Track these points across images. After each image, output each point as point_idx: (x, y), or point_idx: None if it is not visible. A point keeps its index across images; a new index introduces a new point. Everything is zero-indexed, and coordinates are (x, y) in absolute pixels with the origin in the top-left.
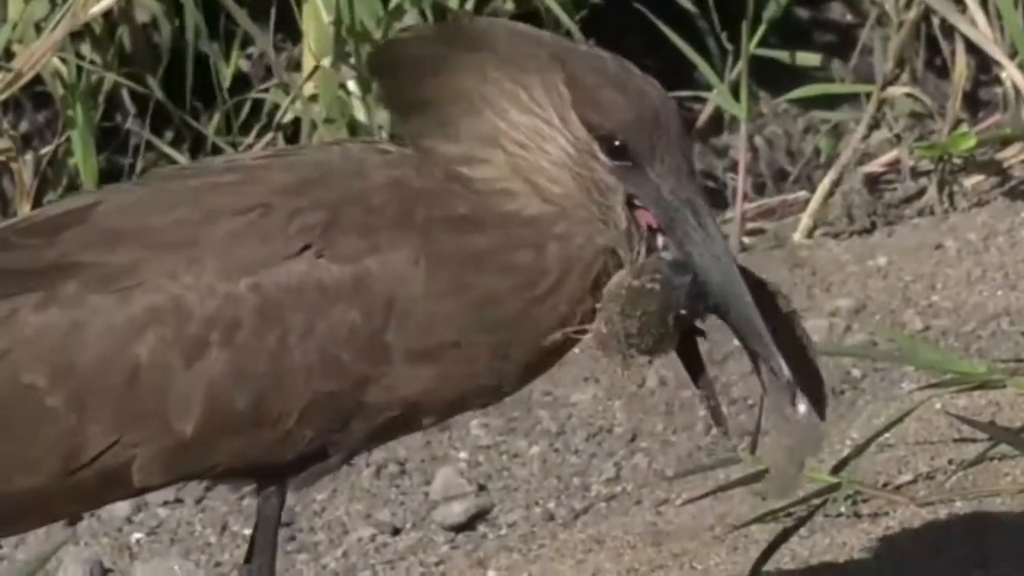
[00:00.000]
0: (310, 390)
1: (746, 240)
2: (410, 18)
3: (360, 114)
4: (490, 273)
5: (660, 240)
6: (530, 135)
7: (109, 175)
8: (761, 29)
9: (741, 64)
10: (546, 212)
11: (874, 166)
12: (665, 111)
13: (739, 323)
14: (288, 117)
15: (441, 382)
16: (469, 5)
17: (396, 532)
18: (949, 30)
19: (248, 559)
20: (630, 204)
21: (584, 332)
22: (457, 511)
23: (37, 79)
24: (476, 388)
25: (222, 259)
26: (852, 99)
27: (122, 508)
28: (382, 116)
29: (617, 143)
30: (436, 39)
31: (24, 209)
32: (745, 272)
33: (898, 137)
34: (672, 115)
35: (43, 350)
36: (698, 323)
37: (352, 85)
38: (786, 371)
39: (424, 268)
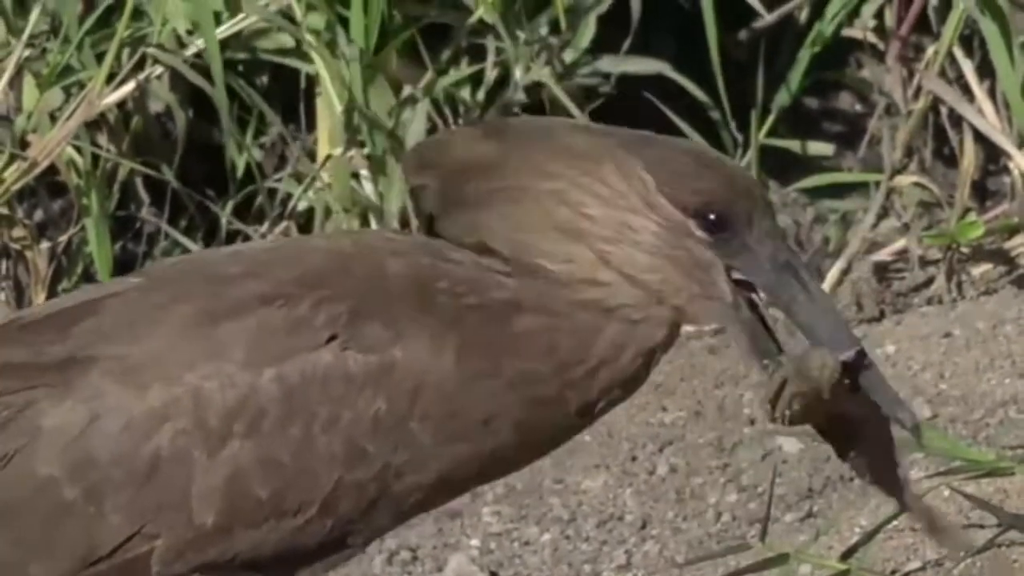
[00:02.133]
0: (333, 479)
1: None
2: (422, 107)
3: (374, 201)
4: (528, 356)
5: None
6: (617, 228)
7: (123, 263)
8: (770, 118)
9: (751, 153)
10: (640, 301)
11: (883, 255)
12: (751, 180)
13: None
14: (301, 206)
15: (466, 462)
16: (480, 95)
17: None
18: (957, 120)
19: None
20: (731, 280)
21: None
22: None
23: (52, 168)
24: (501, 464)
25: (246, 350)
26: (861, 188)
27: None
28: (394, 204)
29: (713, 216)
30: (485, 136)
31: (39, 298)
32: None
33: (906, 226)
34: (756, 183)
35: (61, 443)
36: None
37: (365, 173)
38: (912, 416)
39: (451, 354)
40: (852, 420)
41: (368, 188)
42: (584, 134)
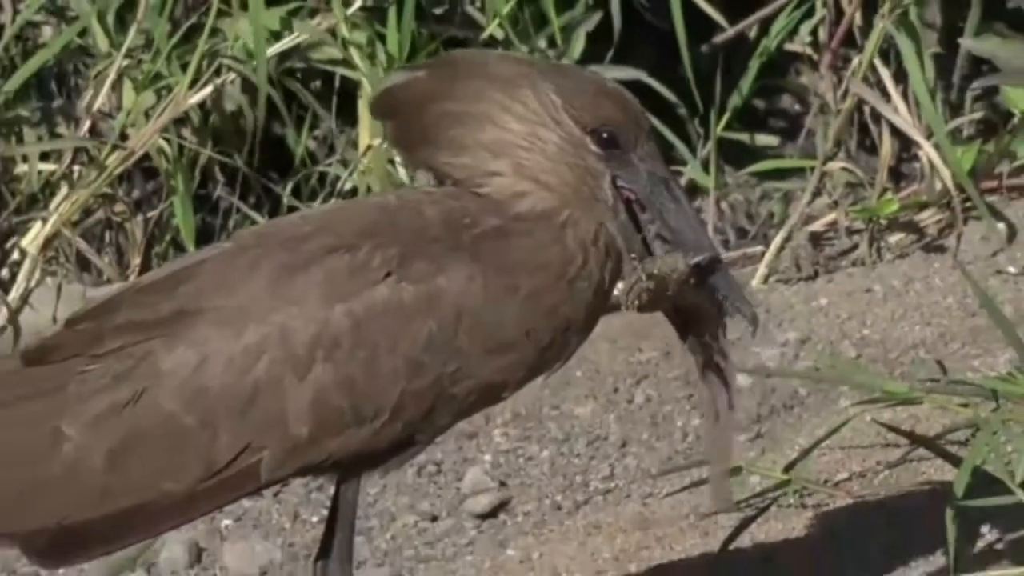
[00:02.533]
0: (398, 390)
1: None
2: None
3: (406, 181)
4: (530, 273)
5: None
6: (530, 139)
7: (204, 233)
8: (726, 116)
9: (711, 144)
10: (553, 204)
11: (817, 226)
12: (638, 109)
13: (711, 276)
14: (348, 186)
15: (509, 368)
16: None
17: (434, 519)
18: (877, 117)
19: (323, 548)
20: (616, 186)
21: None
22: (483, 502)
23: (146, 156)
24: (541, 363)
25: (320, 292)
26: (799, 172)
27: None
28: (421, 181)
29: (605, 135)
30: (431, 75)
31: (136, 260)
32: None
33: (836, 203)
34: (643, 113)
35: (177, 382)
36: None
37: (398, 159)
38: (752, 312)
39: (480, 279)
40: (693, 311)
41: (401, 171)
42: (510, 62)
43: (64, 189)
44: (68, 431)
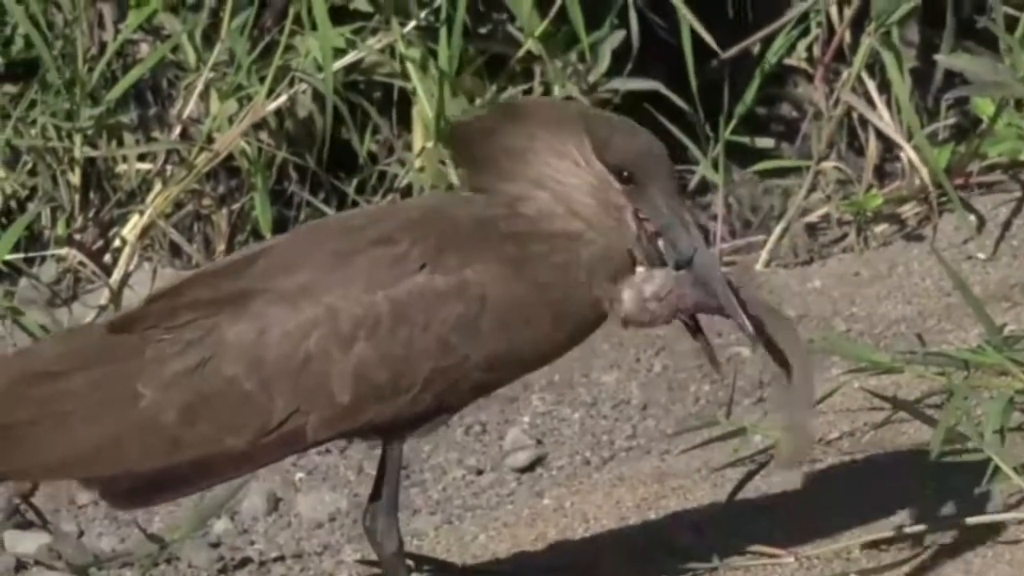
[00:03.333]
0: (430, 366)
1: (724, 269)
2: None
3: (454, 179)
4: (544, 270)
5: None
6: (565, 175)
7: (279, 223)
8: (733, 122)
9: (719, 146)
10: (580, 227)
11: (812, 218)
12: (658, 150)
13: (716, 294)
14: (404, 183)
15: (522, 349)
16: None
17: (479, 473)
18: (864, 122)
19: (374, 493)
20: (638, 217)
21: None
22: (522, 458)
23: (230, 156)
24: (545, 351)
25: (365, 278)
26: (796, 171)
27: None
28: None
29: (625, 173)
30: (495, 116)
31: (220, 247)
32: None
33: (828, 197)
34: (663, 154)
35: (239, 351)
36: None
37: (448, 160)
38: (749, 327)
39: (502, 272)
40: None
41: (451, 170)
42: (556, 109)
43: (158, 185)
44: (144, 391)
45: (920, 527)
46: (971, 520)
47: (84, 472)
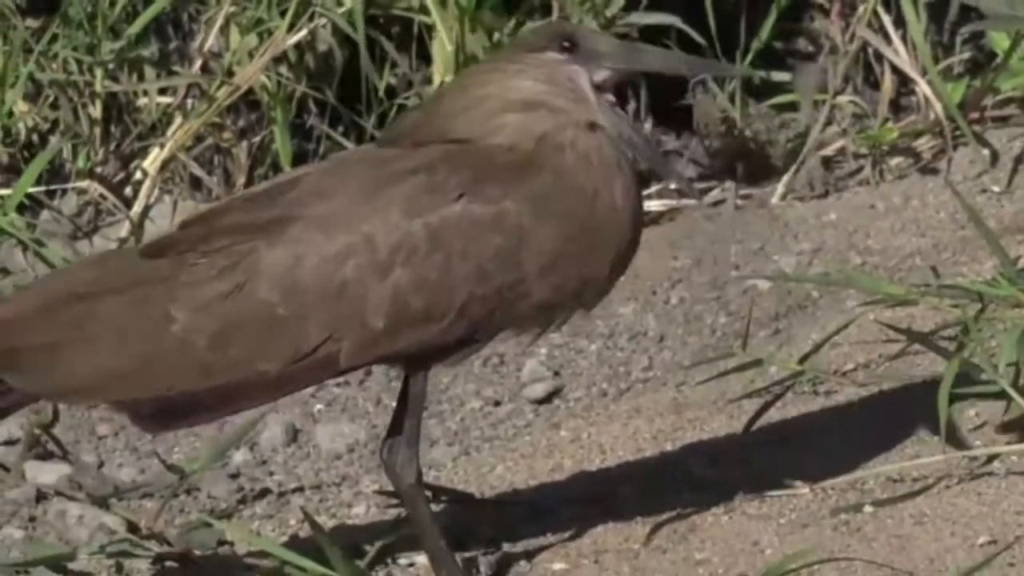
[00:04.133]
0: (466, 293)
1: (739, 203)
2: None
3: None
4: (567, 195)
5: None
6: (512, 85)
7: (298, 157)
8: (750, 56)
9: (736, 81)
10: (553, 123)
11: (828, 151)
12: (578, 26)
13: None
14: None
15: (560, 284)
16: None
17: (497, 404)
18: (880, 57)
19: (393, 425)
20: (593, 84)
21: None
22: (539, 390)
23: (250, 90)
24: (588, 285)
25: (402, 206)
26: (813, 105)
27: None
28: None
29: (563, 43)
30: (424, 106)
31: (240, 180)
32: None
33: (844, 131)
34: (586, 26)
35: (274, 276)
36: None
37: None
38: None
39: (537, 203)
40: None
41: None
42: (479, 70)
43: (179, 119)
44: (177, 314)
45: (934, 458)
46: (984, 451)
47: (114, 394)
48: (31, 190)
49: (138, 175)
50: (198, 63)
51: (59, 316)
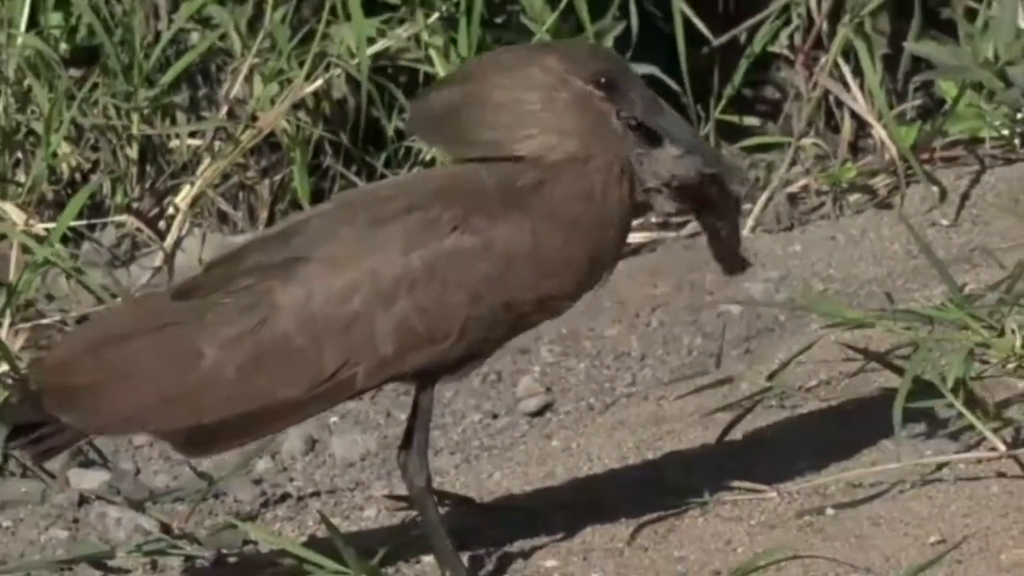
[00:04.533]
0: (463, 316)
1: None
2: None
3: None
4: (570, 205)
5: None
6: (546, 103)
7: (316, 193)
8: (723, 102)
9: (710, 124)
10: (576, 146)
11: (793, 188)
12: (622, 59)
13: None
14: (427, 157)
15: (549, 292)
16: None
17: (495, 417)
18: (839, 103)
19: (405, 440)
20: (620, 116)
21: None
22: (533, 404)
23: (271, 133)
24: (583, 284)
25: (401, 242)
26: (779, 147)
27: None
28: None
29: (603, 80)
30: (447, 86)
31: (263, 214)
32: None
33: (808, 170)
34: (626, 61)
35: (291, 311)
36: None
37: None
38: (743, 175)
39: (527, 227)
40: (702, 194)
41: None
42: (514, 52)
43: (207, 159)
44: (206, 351)
45: (889, 466)
46: (934, 459)
47: (154, 425)
48: (74, 223)
49: (170, 210)
50: (225, 109)
51: (102, 358)
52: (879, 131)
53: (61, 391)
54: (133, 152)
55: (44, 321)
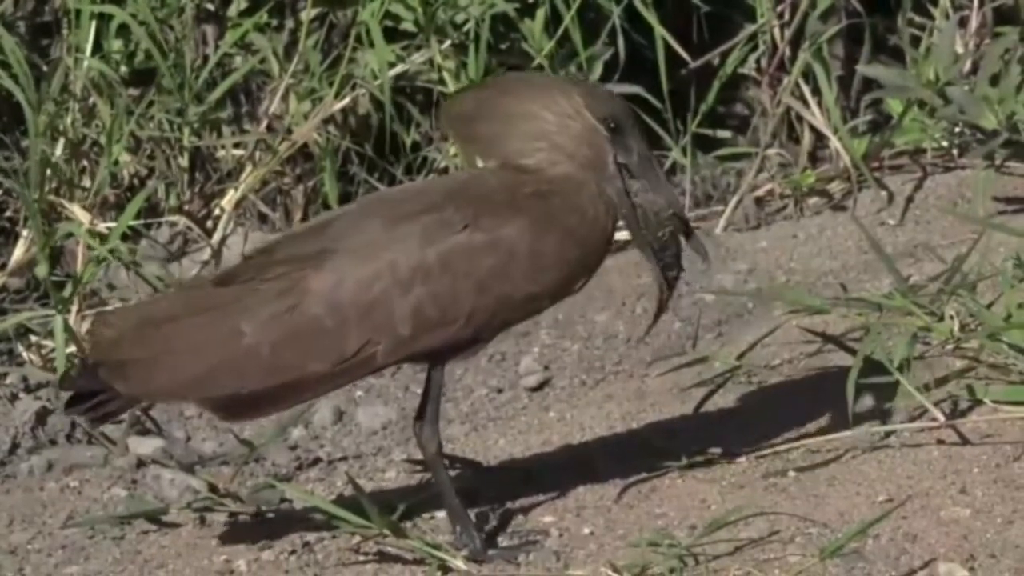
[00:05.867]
0: (471, 304)
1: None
2: None
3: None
4: (567, 216)
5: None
6: (560, 127)
7: (343, 197)
8: (699, 117)
9: (687, 137)
10: (575, 170)
11: (760, 192)
12: (631, 109)
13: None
14: (441, 165)
15: (551, 284)
16: None
17: (499, 391)
18: (800, 118)
19: (420, 411)
20: (616, 161)
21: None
22: (533, 380)
23: (305, 145)
24: (571, 282)
25: (418, 238)
26: (748, 156)
27: None
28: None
29: (612, 124)
30: (485, 91)
31: (297, 215)
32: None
33: (772, 177)
34: (633, 113)
35: (321, 296)
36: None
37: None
38: (705, 250)
39: (529, 227)
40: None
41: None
42: (547, 78)
43: (249, 167)
44: (245, 329)
45: (843, 434)
46: (882, 428)
47: (199, 394)
48: (132, 223)
49: (217, 211)
50: (264, 123)
51: (154, 334)
52: (835, 142)
53: (116, 363)
54: (184, 161)
55: (106, 308)
